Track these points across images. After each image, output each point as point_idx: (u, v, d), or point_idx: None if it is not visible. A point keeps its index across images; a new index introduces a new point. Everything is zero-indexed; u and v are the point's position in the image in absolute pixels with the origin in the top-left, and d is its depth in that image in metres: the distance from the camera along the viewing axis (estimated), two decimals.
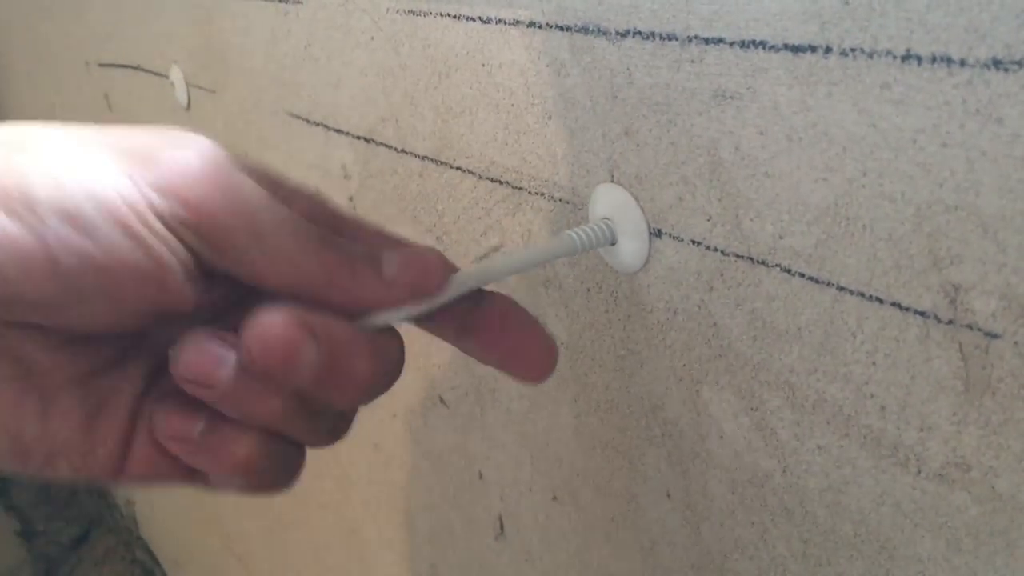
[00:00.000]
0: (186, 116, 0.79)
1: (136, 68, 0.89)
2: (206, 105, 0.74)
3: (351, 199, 0.56)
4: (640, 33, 0.31)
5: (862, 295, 0.27)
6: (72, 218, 0.22)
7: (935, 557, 0.28)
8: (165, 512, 1.46)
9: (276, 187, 0.28)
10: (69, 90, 1.17)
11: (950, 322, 0.25)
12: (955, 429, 0.26)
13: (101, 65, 1.00)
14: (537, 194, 0.39)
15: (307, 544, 0.86)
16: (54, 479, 0.26)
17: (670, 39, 0.30)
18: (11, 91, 1.54)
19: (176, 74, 0.77)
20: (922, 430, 0.27)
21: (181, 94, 0.78)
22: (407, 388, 0.57)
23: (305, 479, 0.29)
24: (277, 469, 0.27)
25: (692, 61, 0.30)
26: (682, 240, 0.33)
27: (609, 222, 0.35)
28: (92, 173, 0.24)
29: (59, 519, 1.86)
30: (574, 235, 0.33)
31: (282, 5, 0.56)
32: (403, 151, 0.49)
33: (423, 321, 0.29)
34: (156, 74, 0.84)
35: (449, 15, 0.41)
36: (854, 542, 0.30)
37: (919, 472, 0.27)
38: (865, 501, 0.29)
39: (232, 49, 0.66)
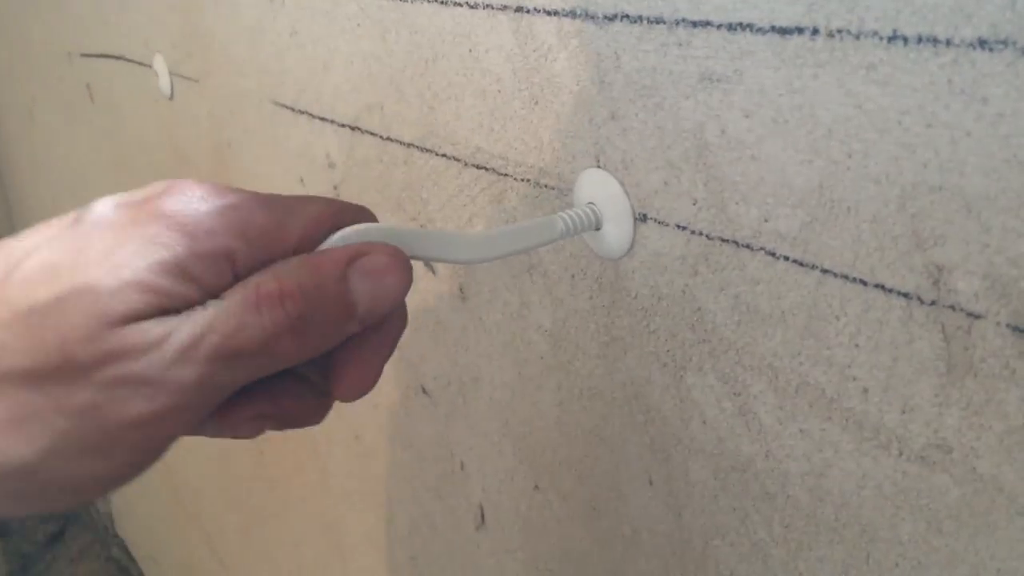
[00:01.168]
0: (169, 106, 0.79)
1: (119, 58, 0.88)
2: (190, 95, 0.74)
3: (335, 188, 0.55)
4: (628, 17, 0.31)
5: (846, 277, 0.27)
6: None
7: (916, 539, 0.28)
8: (141, 509, 1.44)
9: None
10: (50, 82, 1.16)
11: (933, 303, 0.25)
12: (937, 411, 0.26)
13: (83, 56, 0.99)
14: (522, 180, 0.39)
15: (285, 538, 0.86)
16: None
17: (658, 22, 0.30)
18: None
19: (160, 63, 0.77)
20: (904, 412, 0.27)
21: (164, 84, 0.77)
22: (389, 378, 0.57)
23: (284, 472, 0.29)
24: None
25: (679, 44, 0.30)
26: (667, 225, 0.33)
27: (594, 207, 0.35)
28: None
29: (34, 516, 1.84)
30: (561, 218, 0.33)
31: None
32: (388, 139, 0.48)
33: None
34: (139, 64, 0.83)
35: (436, 1, 0.41)
36: (835, 526, 0.30)
37: (900, 454, 0.28)
38: (847, 484, 0.30)
39: (216, 37, 0.65)
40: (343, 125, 0.52)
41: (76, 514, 1.83)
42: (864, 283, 0.27)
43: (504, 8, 0.37)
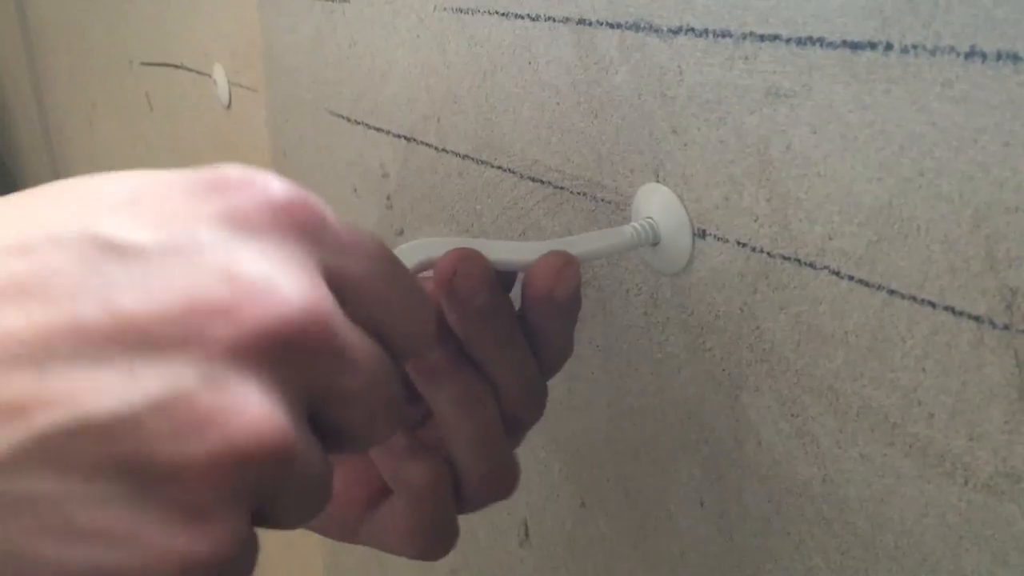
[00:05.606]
0: (226, 115, 0.80)
1: (178, 67, 0.90)
2: (247, 104, 0.75)
3: (389, 198, 0.56)
4: (693, 30, 0.31)
5: (913, 299, 0.27)
6: None
7: (980, 571, 0.27)
8: None
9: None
10: (111, 89, 1.19)
11: (1006, 327, 0.24)
12: (1006, 438, 0.25)
13: (144, 64, 1.01)
14: (579, 194, 0.39)
15: (324, 546, 0.86)
16: None
17: (724, 36, 0.30)
18: (52, 89, 1.56)
19: (219, 73, 0.78)
20: (971, 439, 0.26)
21: (223, 93, 0.78)
22: None
23: None
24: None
25: (746, 58, 0.30)
26: (727, 241, 0.32)
27: (652, 222, 0.35)
28: None
29: None
30: (632, 228, 0.33)
31: (328, 3, 0.56)
32: (444, 150, 0.49)
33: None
34: (198, 73, 0.84)
35: (497, 12, 0.41)
36: (895, 554, 0.30)
37: (966, 483, 0.27)
38: (908, 512, 0.29)
39: (276, 48, 0.66)
40: (398, 135, 0.53)
41: None
42: (933, 305, 0.26)
43: (566, 20, 0.37)
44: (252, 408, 0.19)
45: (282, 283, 0.20)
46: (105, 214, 0.20)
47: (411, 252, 0.30)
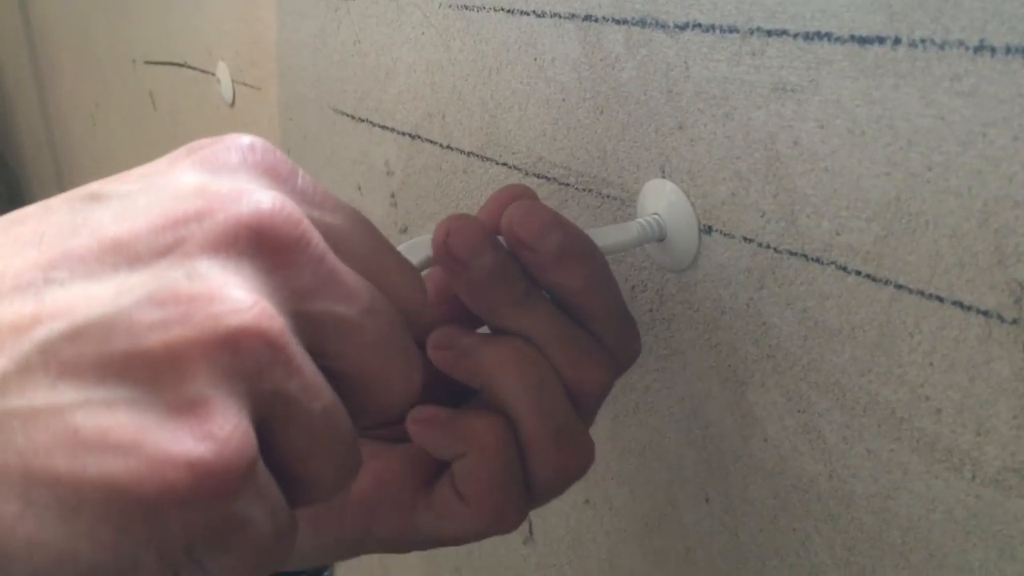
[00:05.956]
0: (230, 113, 0.80)
1: (182, 65, 0.90)
2: (251, 102, 0.75)
3: (393, 195, 0.56)
4: (700, 26, 0.31)
5: (921, 293, 0.27)
6: None
7: (987, 566, 0.27)
8: None
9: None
10: (114, 87, 1.19)
11: (1014, 322, 0.24)
12: (1015, 433, 0.25)
13: (147, 63, 1.01)
14: (584, 190, 0.39)
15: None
16: None
17: (731, 31, 0.30)
18: (55, 88, 1.57)
19: (223, 71, 0.78)
20: (979, 434, 0.26)
21: (227, 91, 0.78)
22: None
23: None
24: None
25: (753, 54, 0.30)
26: (733, 237, 0.32)
27: (658, 218, 0.35)
28: None
29: None
30: (638, 224, 0.33)
31: (333, 0, 0.56)
32: (448, 147, 0.49)
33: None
34: (202, 71, 0.85)
35: (503, 9, 0.41)
36: (902, 550, 0.29)
37: (974, 478, 0.27)
38: (915, 507, 0.29)
39: (280, 46, 0.66)
40: (403, 133, 0.53)
41: None
42: (941, 300, 0.26)
43: (572, 17, 0.37)
44: (234, 292, 0.20)
45: (254, 191, 0.21)
46: (93, 184, 0.22)
47: (415, 249, 0.30)
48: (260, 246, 0.21)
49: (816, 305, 0.30)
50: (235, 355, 0.19)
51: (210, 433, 0.18)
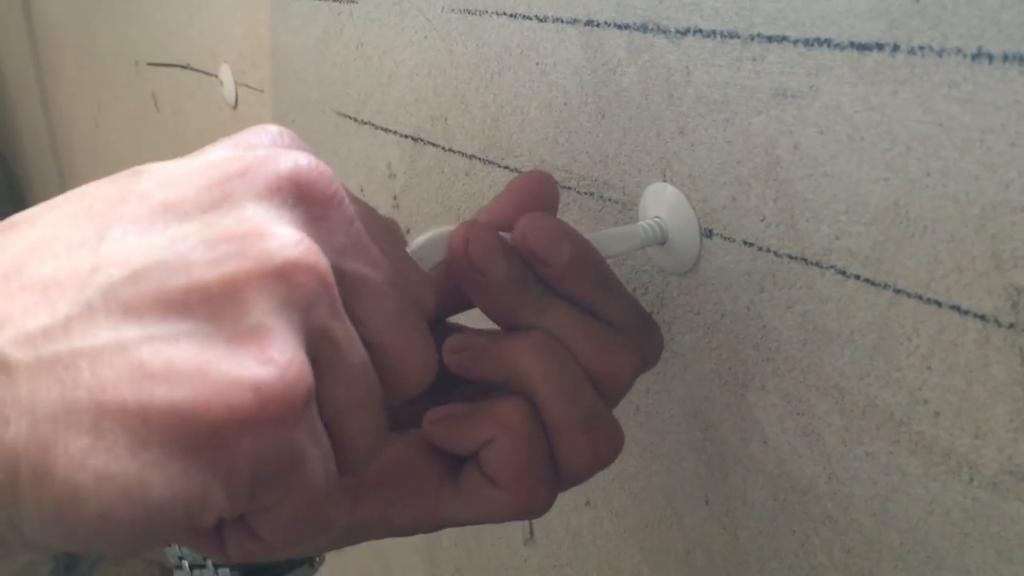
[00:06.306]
0: (233, 115, 0.80)
1: (185, 67, 0.90)
2: (254, 104, 0.75)
3: (395, 198, 0.56)
4: (701, 31, 0.31)
5: (919, 298, 0.27)
6: None
7: (984, 568, 0.27)
8: None
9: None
10: (116, 89, 1.19)
11: (1011, 326, 0.25)
12: (1012, 436, 0.26)
13: (150, 64, 1.02)
14: (586, 193, 0.39)
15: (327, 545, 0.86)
16: None
17: (732, 37, 0.30)
18: (58, 90, 1.57)
19: (225, 73, 0.78)
20: (977, 437, 0.26)
21: (229, 93, 0.79)
22: None
23: None
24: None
25: (753, 59, 0.30)
26: (734, 241, 0.33)
27: (660, 221, 0.35)
28: None
29: None
30: (642, 227, 0.34)
31: (336, 4, 0.56)
32: (450, 150, 0.49)
33: None
34: (205, 73, 0.85)
35: (505, 14, 0.41)
36: (900, 552, 0.30)
37: (971, 480, 0.27)
38: (913, 510, 0.29)
39: (283, 48, 0.66)
40: (405, 136, 0.53)
41: None
42: (939, 304, 0.26)
43: (574, 22, 0.37)
44: (280, 230, 0.21)
45: (291, 151, 0.23)
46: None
47: (425, 250, 0.30)
48: (301, 198, 0.22)
49: (815, 309, 0.30)
50: (288, 285, 0.20)
51: (271, 358, 0.19)
